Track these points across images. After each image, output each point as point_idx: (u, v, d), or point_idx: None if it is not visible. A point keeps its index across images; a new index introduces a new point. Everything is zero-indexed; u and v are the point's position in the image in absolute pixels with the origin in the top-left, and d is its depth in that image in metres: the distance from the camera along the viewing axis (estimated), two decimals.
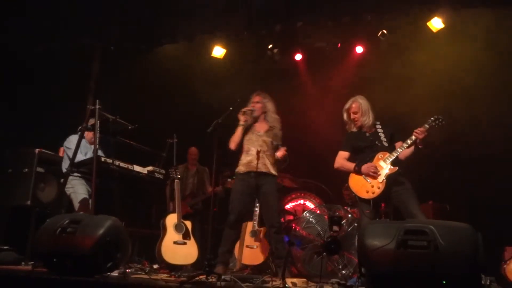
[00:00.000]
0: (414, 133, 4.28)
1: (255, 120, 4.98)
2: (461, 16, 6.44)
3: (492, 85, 6.44)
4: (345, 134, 4.73)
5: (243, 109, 4.76)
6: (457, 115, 6.01)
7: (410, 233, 3.01)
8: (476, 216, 5.69)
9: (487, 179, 6.24)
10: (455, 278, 2.86)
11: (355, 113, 4.58)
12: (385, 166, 4.35)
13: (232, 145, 4.89)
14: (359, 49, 7.52)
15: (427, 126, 4.31)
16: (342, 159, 4.64)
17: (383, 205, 5.62)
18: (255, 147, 4.83)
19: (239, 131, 4.83)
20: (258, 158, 4.76)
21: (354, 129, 4.62)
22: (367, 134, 4.58)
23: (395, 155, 4.35)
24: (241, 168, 4.85)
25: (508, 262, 5.47)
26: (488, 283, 4.14)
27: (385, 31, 7.01)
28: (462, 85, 6.49)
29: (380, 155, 4.40)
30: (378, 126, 4.59)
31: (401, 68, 6.80)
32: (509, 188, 5.92)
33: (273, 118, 5.02)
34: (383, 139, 4.50)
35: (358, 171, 4.45)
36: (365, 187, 4.38)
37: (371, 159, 4.43)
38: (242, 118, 4.79)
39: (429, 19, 6.66)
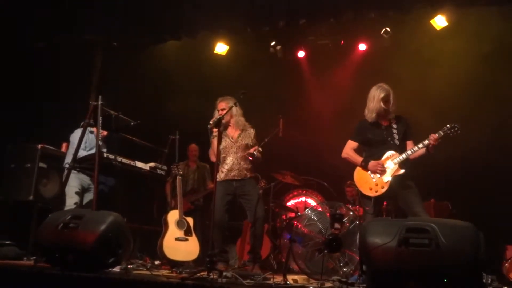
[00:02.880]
0: (428, 139, 4.19)
1: (226, 126, 5.02)
2: (465, 14, 6.41)
3: (496, 84, 6.42)
4: (359, 121, 4.55)
5: (212, 120, 4.72)
6: (459, 113, 5.98)
7: (412, 231, 3.01)
8: (478, 214, 5.68)
9: (489, 177, 6.23)
10: (456, 276, 2.87)
11: (388, 101, 4.36)
12: (392, 166, 4.28)
13: (213, 157, 4.97)
14: (362, 47, 7.52)
15: (442, 133, 4.21)
16: (350, 149, 4.53)
17: (385, 203, 5.63)
18: (232, 155, 4.96)
19: (214, 143, 4.83)
20: (235, 166, 4.92)
21: (372, 118, 4.42)
22: (382, 127, 4.44)
23: (404, 157, 4.26)
24: (221, 176, 4.93)
25: (509, 260, 5.47)
26: (489, 281, 4.14)
27: (388, 29, 7.00)
28: (465, 83, 6.48)
29: (389, 153, 4.33)
30: (393, 121, 4.45)
31: (404, 66, 6.79)
32: (511, 187, 5.91)
33: (241, 121, 5.08)
34: (396, 136, 4.39)
35: (364, 167, 4.37)
36: (368, 184, 4.34)
37: (379, 157, 4.35)
38: (214, 129, 4.74)
39: (432, 17, 6.64)
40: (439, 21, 6.64)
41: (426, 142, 4.22)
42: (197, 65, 7.73)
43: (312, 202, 7.02)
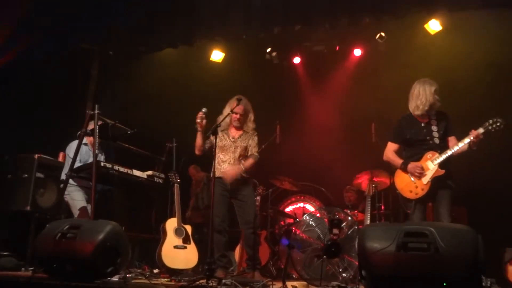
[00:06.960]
0: (470, 136, 4.11)
1: (227, 126, 5.04)
2: (458, 18, 6.44)
3: (491, 87, 6.44)
4: (397, 121, 4.48)
5: (198, 115, 4.74)
6: (456, 116, 5.99)
7: (410, 235, 3.00)
8: (476, 217, 5.69)
9: (487, 179, 6.23)
10: (455, 280, 2.86)
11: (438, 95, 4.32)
12: (432, 167, 4.18)
13: (197, 151, 4.97)
14: (357, 52, 7.55)
15: (482, 130, 4.11)
16: (390, 152, 4.47)
17: (382, 207, 5.63)
18: (229, 154, 4.97)
19: (198, 137, 4.86)
20: (231, 165, 4.92)
21: (422, 111, 4.29)
22: (422, 125, 4.35)
23: (444, 157, 4.16)
24: (217, 174, 4.91)
25: (508, 263, 5.47)
26: (488, 284, 4.14)
27: (383, 34, 7.03)
28: (460, 87, 6.49)
29: (429, 154, 4.23)
30: (433, 117, 4.35)
31: (399, 70, 6.81)
32: (510, 189, 5.92)
33: (250, 127, 5.10)
34: (436, 134, 4.28)
35: (404, 169, 4.30)
36: (409, 186, 4.26)
37: (419, 158, 4.26)
38: (198, 125, 4.77)
39: (426, 22, 6.67)
40: (433, 26, 6.68)
41: (468, 140, 4.12)
42: (193, 73, 7.74)
43: (310, 207, 7.00)
